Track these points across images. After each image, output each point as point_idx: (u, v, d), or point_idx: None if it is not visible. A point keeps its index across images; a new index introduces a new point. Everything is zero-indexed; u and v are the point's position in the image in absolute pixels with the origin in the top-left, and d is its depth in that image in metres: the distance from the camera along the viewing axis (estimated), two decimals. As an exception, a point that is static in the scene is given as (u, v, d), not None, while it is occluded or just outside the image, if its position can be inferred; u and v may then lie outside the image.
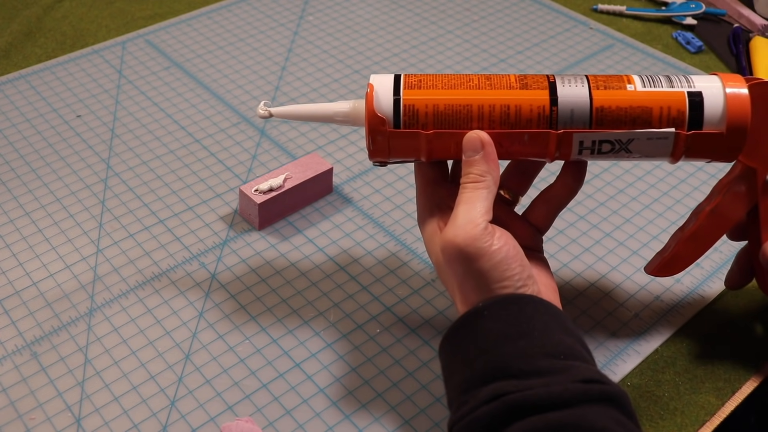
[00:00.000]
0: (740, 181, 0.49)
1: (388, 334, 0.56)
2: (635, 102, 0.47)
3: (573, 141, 0.47)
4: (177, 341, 0.55)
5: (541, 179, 0.56)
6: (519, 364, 0.42)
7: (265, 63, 0.84)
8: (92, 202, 0.66)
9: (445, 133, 0.48)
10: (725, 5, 0.94)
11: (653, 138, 0.47)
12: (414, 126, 0.48)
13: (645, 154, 0.48)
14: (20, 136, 0.73)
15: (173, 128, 0.74)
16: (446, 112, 0.48)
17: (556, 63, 0.85)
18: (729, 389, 0.54)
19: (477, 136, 0.48)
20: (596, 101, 0.47)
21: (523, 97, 0.48)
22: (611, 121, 0.47)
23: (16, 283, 0.59)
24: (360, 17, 0.92)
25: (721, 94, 0.47)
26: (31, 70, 0.81)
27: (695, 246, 0.50)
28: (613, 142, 0.47)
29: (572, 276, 0.61)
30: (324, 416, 0.51)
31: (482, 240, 0.45)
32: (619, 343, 0.56)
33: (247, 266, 0.61)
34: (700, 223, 0.50)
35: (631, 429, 0.40)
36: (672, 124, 0.47)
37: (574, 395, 0.40)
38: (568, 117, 0.47)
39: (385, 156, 0.50)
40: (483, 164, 0.47)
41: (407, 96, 0.48)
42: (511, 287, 0.45)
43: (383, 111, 0.48)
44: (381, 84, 0.49)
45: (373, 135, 0.48)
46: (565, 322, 0.45)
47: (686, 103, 0.47)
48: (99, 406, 0.51)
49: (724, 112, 0.47)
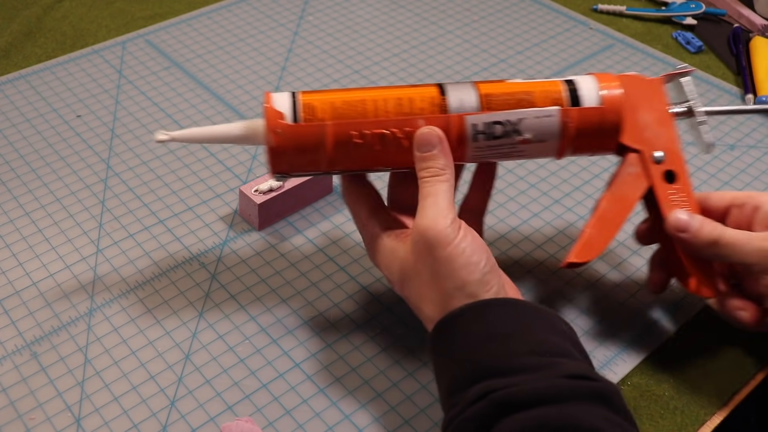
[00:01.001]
0: (631, 165, 0.53)
1: (387, 334, 0.56)
2: (516, 88, 0.51)
3: (466, 124, 0.50)
4: (177, 341, 0.55)
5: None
6: (504, 362, 0.42)
7: (265, 63, 0.84)
8: (92, 202, 0.66)
9: (346, 124, 0.49)
10: (725, 5, 0.94)
11: (540, 117, 0.50)
12: (313, 122, 0.49)
13: (537, 136, 0.51)
14: (20, 136, 0.73)
15: (173, 128, 0.74)
16: (343, 107, 0.50)
17: (556, 63, 0.85)
18: (729, 389, 0.54)
19: (432, 130, 0.49)
20: (482, 89, 0.51)
21: (414, 90, 0.51)
22: (498, 105, 0.50)
23: (16, 283, 0.59)
24: (360, 17, 0.92)
25: (593, 79, 0.52)
26: (31, 70, 0.81)
27: (603, 229, 0.52)
28: (504, 123, 0.50)
29: (572, 276, 0.61)
30: (324, 416, 0.51)
31: (452, 231, 0.46)
32: (619, 343, 0.56)
33: (247, 266, 0.61)
34: (602, 206, 0.52)
35: (622, 426, 0.40)
36: (554, 104, 0.51)
37: (560, 391, 0.40)
38: (458, 103, 0.50)
39: (286, 161, 0.50)
40: (442, 158, 0.49)
41: (305, 97, 0.50)
42: (477, 281, 0.45)
43: (281, 110, 0.50)
44: (277, 94, 0.51)
45: (273, 131, 0.49)
46: (551, 321, 0.45)
47: (562, 87, 0.52)
48: (99, 406, 0.51)
49: (599, 93, 0.52)
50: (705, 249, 0.51)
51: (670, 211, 0.52)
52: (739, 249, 0.50)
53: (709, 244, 0.50)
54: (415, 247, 0.47)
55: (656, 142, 0.53)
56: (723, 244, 0.50)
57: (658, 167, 0.53)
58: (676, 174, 0.53)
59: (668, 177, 0.53)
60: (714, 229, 0.51)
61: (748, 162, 0.72)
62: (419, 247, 0.47)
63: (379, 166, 0.51)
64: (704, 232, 0.51)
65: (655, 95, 0.54)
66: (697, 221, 0.51)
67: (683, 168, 0.53)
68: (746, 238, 0.50)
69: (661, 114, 0.54)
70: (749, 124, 0.77)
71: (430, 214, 0.47)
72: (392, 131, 0.49)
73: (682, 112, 0.55)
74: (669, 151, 0.53)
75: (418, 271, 0.47)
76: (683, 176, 0.53)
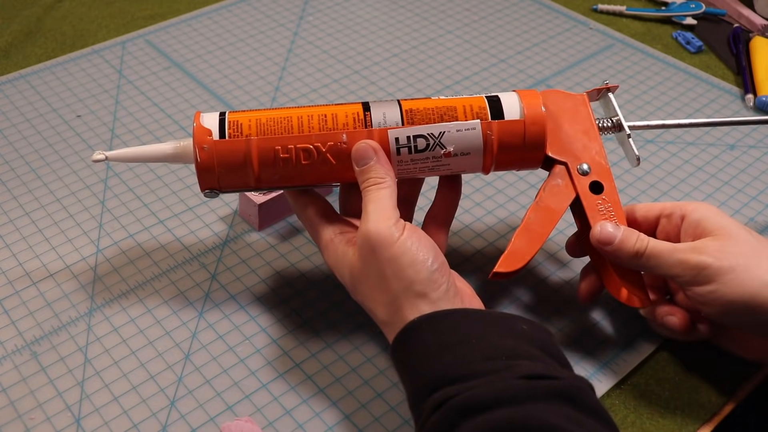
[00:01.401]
0: (557, 177, 0.54)
1: (388, 334, 0.56)
2: (440, 104, 0.53)
3: (389, 139, 0.51)
4: (177, 341, 0.55)
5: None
6: (459, 369, 0.42)
7: (265, 63, 0.84)
8: (92, 202, 0.66)
9: (271, 139, 0.51)
10: (725, 5, 0.94)
11: (462, 130, 0.51)
12: (239, 138, 0.51)
13: (460, 149, 0.52)
14: (20, 136, 0.73)
15: (173, 128, 0.74)
16: (268, 124, 0.51)
17: (556, 63, 0.85)
18: (729, 388, 0.54)
19: (367, 144, 0.50)
20: (405, 105, 0.52)
21: (338, 108, 0.52)
22: (421, 119, 0.52)
23: (16, 283, 0.59)
24: (360, 17, 0.92)
25: (515, 94, 0.54)
26: (31, 70, 0.81)
27: (529, 239, 0.52)
28: (426, 137, 0.51)
29: (572, 276, 0.61)
30: (324, 416, 0.51)
31: (396, 230, 0.46)
32: (619, 342, 0.56)
33: (247, 266, 0.61)
34: (529, 217, 0.53)
35: (582, 423, 0.39)
36: (476, 118, 0.52)
37: (518, 392, 0.39)
38: (381, 119, 0.52)
39: (214, 177, 0.51)
40: (380, 168, 0.50)
41: (231, 115, 0.52)
42: (425, 279, 0.46)
43: (209, 127, 0.51)
44: (207, 114, 0.53)
45: (200, 147, 0.51)
46: (507, 325, 0.45)
47: (485, 101, 0.53)
48: (99, 406, 0.51)
49: (521, 107, 0.53)
50: (630, 260, 0.51)
51: (595, 222, 0.52)
52: (663, 261, 0.50)
53: (633, 256, 0.50)
54: (362, 250, 0.47)
55: (582, 154, 0.54)
56: (647, 256, 0.50)
57: (584, 179, 0.53)
58: (603, 185, 0.53)
59: (594, 188, 0.53)
60: (638, 241, 0.51)
61: (748, 162, 0.72)
62: (365, 250, 0.47)
63: (311, 181, 0.52)
64: (628, 244, 0.51)
65: (580, 109, 0.55)
66: (621, 232, 0.51)
67: (610, 179, 0.54)
68: (669, 249, 0.50)
69: (587, 127, 0.55)
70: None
71: (372, 217, 0.47)
72: (315, 145, 0.51)
73: (609, 126, 0.56)
74: (594, 162, 0.54)
75: (367, 275, 0.48)
76: (610, 187, 0.53)
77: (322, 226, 0.52)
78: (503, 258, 0.52)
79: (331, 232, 0.51)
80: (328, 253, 0.51)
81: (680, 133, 0.75)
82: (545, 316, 0.58)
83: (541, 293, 0.60)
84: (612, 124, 0.57)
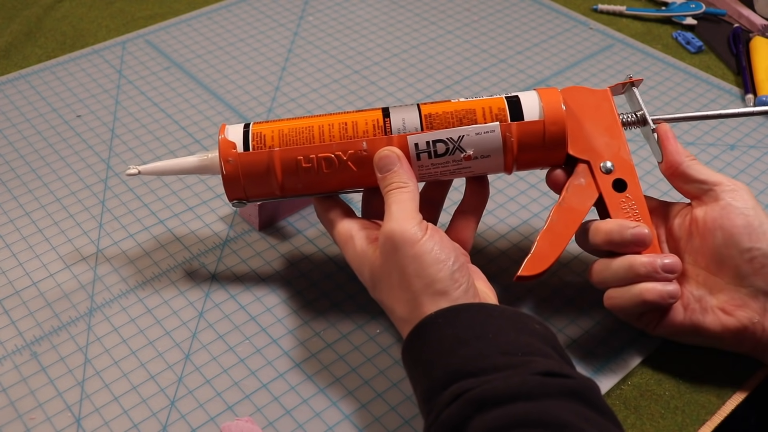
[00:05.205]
0: (580, 176, 0.53)
1: (387, 334, 0.56)
2: (459, 107, 0.53)
3: (408, 144, 0.52)
4: (177, 341, 0.55)
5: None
6: (476, 363, 0.42)
7: (265, 63, 0.84)
8: (92, 202, 0.66)
9: (293, 149, 0.52)
10: (725, 5, 0.94)
11: (482, 133, 0.52)
12: (263, 149, 0.53)
13: (480, 152, 0.52)
14: (20, 136, 0.73)
15: (173, 128, 0.74)
16: (290, 134, 0.53)
17: (556, 63, 0.85)
18: (729, 388, 0.54)
19: (390, 152, 0.51)
20: (424, 110, 0.53)
21: (358, 115, 0.53)
22: (440, 124, 0.52)
23: (16, 283, 0.59)
24: (360, 17, 0.92)
25: (535, 93, 0.53)
26: (31, 70, 0.81)
27: (553, 240, 0.52)
28: (446, 141, 0.52)
29: (572, 276, 0.61)
30: (324, 416, 0.51)
31: (419, 230, 0.47)
32: (619, 342, 0.56)
33: (247, 266, 0.61)
34: (552, 218, 0.53)
35: (593, 421, 0.39)
36: (495, 120, 0.52)
37: (533, 387, 0.40)
38: (400, 125, 0.52)
39: (240, 188, 0.53)
40: (403, 174, 0.50)
41: (255, 127, 0.54)
42: (446, 278, 0.46)
43: (234, 140, 0.53)
44: (231, 126, 0.54)
45: (225, 160, 0.53)
46: (522, 322, 0.46)
47: (505, 102, 0.53)
48: (99, 406, 0.51)
49: (541, 107, 0.52)
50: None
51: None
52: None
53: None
54: (384, 248, 0.48)
55: (604, 151, 0.54)
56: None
57: (607, 177, 0.53)
58: (626, 182, 0.53)
59: (618, 186, 0.53)
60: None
61: (748, 162, 0.72)
62: (387, 248, 0.48)
63: (333, 188, 0.54)
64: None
65: (603, 106, 0.55)
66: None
67: (634, 176, 0.53)
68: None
69: (610, 123, 0.55)
70: (749, 124, 0.77)
71: (396, 216, 0.48)
72: (336, 154, 0.52)
73: (633, 120, 0.56)
74: (618, 160, 0.54)
75: (388, 273, 0.48)
76: (634, 184, 0.53)
77: (343, 224, 0.52)
78: (529, 261, 0.52)
79: (352, 229, 0.52)
80: (347, 249, 0.52)
81: (681, 133, 0.75)
82: (545, 316, 0.58)
83: (541, 293, 0.60)
84: (636, 119, 0.56)
